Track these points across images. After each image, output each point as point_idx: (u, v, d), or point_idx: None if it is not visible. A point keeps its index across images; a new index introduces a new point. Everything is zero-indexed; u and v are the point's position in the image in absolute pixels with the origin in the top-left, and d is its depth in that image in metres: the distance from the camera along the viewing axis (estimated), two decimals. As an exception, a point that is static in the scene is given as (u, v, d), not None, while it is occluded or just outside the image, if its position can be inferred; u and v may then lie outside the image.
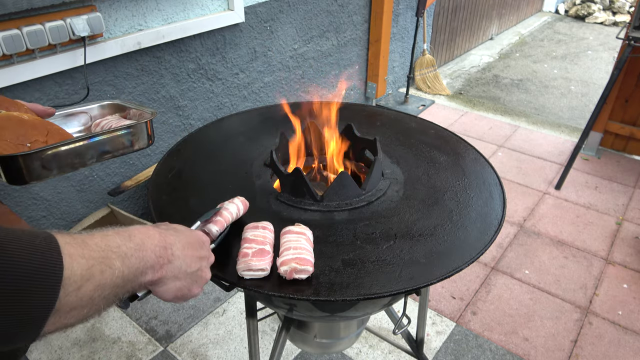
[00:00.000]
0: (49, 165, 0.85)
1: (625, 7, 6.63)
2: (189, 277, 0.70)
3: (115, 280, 0.54)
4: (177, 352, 1.93)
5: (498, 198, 1.19)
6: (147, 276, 0.61)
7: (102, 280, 0.52)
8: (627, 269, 2.39)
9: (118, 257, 0.55)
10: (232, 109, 2.74)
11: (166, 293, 0.67)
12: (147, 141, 1.03)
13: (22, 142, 0.84)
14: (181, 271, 0.68)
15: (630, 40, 2.68)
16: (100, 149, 0.95)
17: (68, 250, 0.49)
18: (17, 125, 0.85)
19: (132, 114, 1.12)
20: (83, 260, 0.50)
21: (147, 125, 1.02)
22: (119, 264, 0.55)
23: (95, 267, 0.51)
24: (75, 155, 0.90)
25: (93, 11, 1.86)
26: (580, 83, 4.70)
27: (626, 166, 3.26)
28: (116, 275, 0.54)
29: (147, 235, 0.63)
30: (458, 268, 0.95)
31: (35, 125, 0.88)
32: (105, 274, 0.53)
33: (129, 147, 1.00)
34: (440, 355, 1.95)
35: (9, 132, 0.83)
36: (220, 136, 1.48)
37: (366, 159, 1.35)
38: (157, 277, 0.63)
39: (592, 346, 1.99)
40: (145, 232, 0.63)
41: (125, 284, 0.56)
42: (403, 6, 3.87)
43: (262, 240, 0.94)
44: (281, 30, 2.86)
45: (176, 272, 0.67)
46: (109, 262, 0.54)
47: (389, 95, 4.18)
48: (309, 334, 1.38)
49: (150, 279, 0.62)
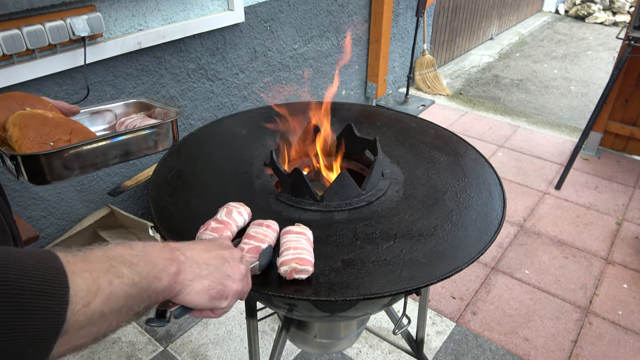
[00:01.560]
0: (70, 165, 0.84)
1: (625, 7, 6.63)
2: (216, 272, 0.64)
3: (126, 289, 0.51)
4: (177, 352, 1.93)
5: (498, 198, 1.19)
6: (162, 281, 0.56)
7: (111, 292, 0.49)
8: (627, 269, 2.39)
9: (124, 265, 0.52)
10: (232, 109, 2.74)
11: (198, 296, 0.61)
12: (172, 141, 0.99)
13: (45, 140, 0.82)
14: (203, 269, 0.62)
15: (630, 40, 2.68)
16: (124, 149, 0.91)
17: (71, 267, 0.46)
18: (41, 124, 0.83)
19: (158, 113, 1.08)
20: (87, 274, 0.47)
21: (172, 125, 0.98)
22: (126, 271, 0.51)
23: (102, 279, 0.48)
24: (97, 155, 0.87)
25: (93, 11, 1.86)
26: (580, 83, 4.70)
27: (626, 166, 3.26)
28: (126, 284, 0.51)
29: (148, 243, 0.59)
30: (458, 268, 0.95)
31: (59, 123, 0.86)
32: (114, 284, 0.49)
33: (153, 147, 0.96)
34: (440, 355, 1.95)
35: (33, 131, 0.81)
36: (220, 136, 1.48)
37: (366, 159, 1.35)
38: (175, 281, 0.58)
39: (592, 346, 1.99)
40: (145, 242, 0.59)
41: (139, 292, 0.53)
42: (403, 6, 3.87)
43: (261, 238, 0.94)
44: (281, 30, 2.86)
45: (197, 271, 0.62)
46: (115, 272, 0.50)
47: (389, 95, 4.18)
48: (309, 334, 1.38)
49: (169, 284, 0.57)
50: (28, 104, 0.88)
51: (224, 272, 0.66)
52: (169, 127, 0.98)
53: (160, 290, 0.56)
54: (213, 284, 0.63)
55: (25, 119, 0.82)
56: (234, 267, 0.68)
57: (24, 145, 0.80)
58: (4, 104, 0.86)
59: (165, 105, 1.07)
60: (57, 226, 2.12)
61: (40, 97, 0.92)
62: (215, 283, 0.63)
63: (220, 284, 0.64)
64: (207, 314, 0.66)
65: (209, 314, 0.66)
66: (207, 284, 0.62)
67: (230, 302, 0.67)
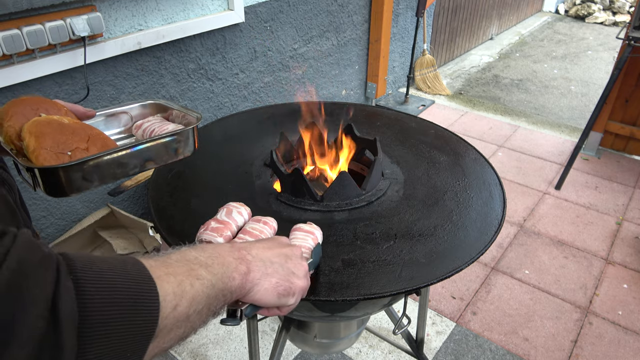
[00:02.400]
0: (90, 176, 0.80)
1: (625, 7, 6.63)
2: (281, 269, 0.66)
3: (207, 290, 0.53)
4: (177, 352, 1.93)
5: (498, 198, 1.19)
6: (235, 281, 0.58)
7: (194, 294, 0.51)
8: (627, 269, 2.39)
9: (201, 267, 0.54)
10: (232, 109, 2.74)
11: (266, 294, 0.63)
12: (193, 148, 0.95)
13: (62, 150, 0.79)
14: (268, 267, 0.64)
15: (630, 40, 2.68)
16: (144, 158, 0.88)
17: (155, 272, 0.48)
18: (57, 132, 0.80)
19: (175, 115, 1.06)
20: (172, 277, 0.49)
21: (193, 132, 0.94)
22: (204, 273, 0.53)
23: (185, 282, 0.50)
24: (117, 165, 0.84)
25: (93, 11, 1.86)
26: (580, 83, 4.70)
27: (626, 166, 3.26)
28: (206, 285, 0.53)
29: (217, 245, 0.62)
30: (458, 268, 0.95)
31: (76, 130, 0.83)
32: (196, 286, 0.51)
33: (174, 155, 0.93)
34: (440, 355, 1.95)
35: (49, 139, 0.79)
36: (220, 136, 1.48)
37: (366, 159, 1.35)
38: (246, 280, 0.60)
39: (592, 346, 1.99)
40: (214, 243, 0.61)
41: (216, 293, 0.54)
42: (403, 6, 3.87)
43: (256, 234, 0.94)
44: (281, 30, 2.86)
45: (264, 269, 0.63)
46: (195, 274, 0.52)
47: (389, 95, 4.18)
48: (309, 334, 1.38)
49: (241, 283, 0.59)
50: (42, 109, 0.85)
51: (289, 269, 0.67)
52: (190, 134, 0.94)
53: (234, 290, 0.58)
54: (280, 282, 0.65)
55: (42, 127, 0.79)
56: (297, 264, 0.70)
57: (41, 156, 0.77)
58: (18, 110, 0.83)
59: (184, 109, 1.04)
60: (57, 226, 2.12)
61: (55, 101, 0.89)
62: (282, 280, 0.65)
63: (287, 281, 0.66)
64: (274, 312, 0.68)
65: (276, 312, 0.68)
66: (275, 282, 0.64)
67: (297, 299, 0.68)
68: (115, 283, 0.43)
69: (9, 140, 0.81)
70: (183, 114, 1.02)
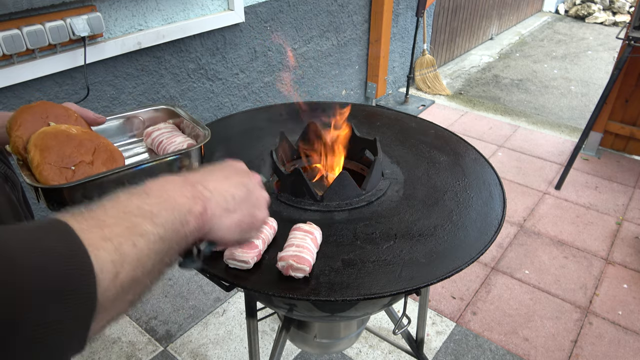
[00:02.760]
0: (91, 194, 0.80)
1: (625, 7, 6.63)
2: (244, 204, 0.59)
3: (154, 246, 0.45)
4: (177, 352, 1.93)
5: (498, 198, 1.19)
6: (190, 224, 0.51)
7: (138, 255, 0.43)
8: (627, 269, 2.39)
9: (144, 218, 0.46)
10: (232, 109, 2.74)
11: (228, 232, 0.57)
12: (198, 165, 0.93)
13: (66, 164, 0.79)
14: (229, 202, 0.57)
15: (630, 40, 2.68)
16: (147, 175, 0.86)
17: (88, 239, 0.40)
18: (64, 144, 0.80)
19: (185, 125, 1.04)
20: (109, 243, 0.41)
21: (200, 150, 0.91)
22: (149, 227, 0.46)
23: (125, 244, 0.43)
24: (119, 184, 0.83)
25: (93, 11, 1.86)
26: (580, 83, 4.70)
27: (626, 166, 3.26)
28: (153, 241, 0.45)
29: (166, 181, 0.52)
30: (458, 268, 0.95)
31: (83, 142, 0.83)
32: (140, 245, 0.44)
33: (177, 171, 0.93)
34: (440, 355, 1.95)
35: (54, 154, 0.79)
36: (220, 136, 1.48)
37: (366, 159, 1.35)
38: (205, 220, 0.53)
39: (592, 346, 1.99)
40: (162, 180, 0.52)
41: (167, 246, 0.47)
42: (403, 6, 3.87)
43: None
44: (281, 30, 2.86)
45: (224, 205, 0.56)
46: (138, 230, 0.44)
47: (389, 95, 4.18)
48: (309, 334, 1.38)
49: (197, 225, 0.52)
50: (52, 116, 0.85)
51: (251, 202, 0.61)
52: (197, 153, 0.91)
53: (189, 234, 0.51)
54: (243, 218, 0.59)
55: (47, 140, 0.79)
56: (258, 195, 0.64)
57: (45, 171, 0.78)
58: (27, 117, 0.83)
59: (193, 121, 1.01)
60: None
61: (65, 106, 0.89)
62: (245, 216, 0.59)
63: (250, 216, 0.61)
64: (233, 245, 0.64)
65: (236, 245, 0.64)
66: (237, 219, 0.58)
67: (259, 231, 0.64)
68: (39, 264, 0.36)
69: (17, 151, 0.82)
70: (192, 126, 1.01)
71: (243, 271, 0.92)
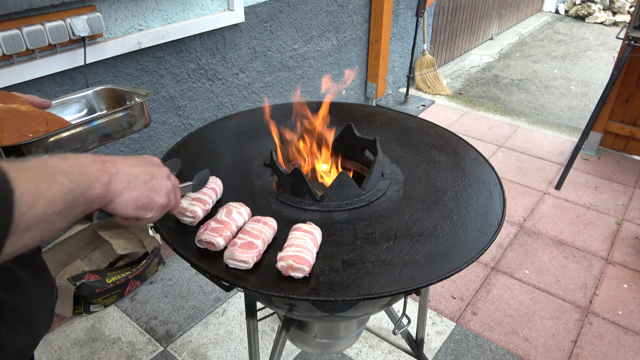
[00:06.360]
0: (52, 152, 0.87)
1: (625, 7, 6.63)
2: (145, 186, 0.70)
3: (64, 195, 0.56)
4: (177, 352, 1.93)
5: (498, 198, 1.19)
6: (96, 189, 0.61)
7: (51, 196, 0.54)
8: (627, 269, 2.39)
9: (60, 173, 0.57)
10: (232, 109, 2.74)
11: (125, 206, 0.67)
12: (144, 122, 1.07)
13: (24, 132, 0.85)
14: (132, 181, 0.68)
15: (630, 40, 2.68)
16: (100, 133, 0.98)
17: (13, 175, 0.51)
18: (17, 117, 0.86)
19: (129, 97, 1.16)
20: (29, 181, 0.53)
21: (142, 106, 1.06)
22: (63, 179, 0.56)
23: (42, 185, 0.54)
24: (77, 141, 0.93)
25: (93, 11, 1.87)
26: (580, 83, 4.70)
27: (626, 166, 3.26)
28: (63, 191, 0.56)
29: (82, 155, 0.64)
30: (458, 268, 0.95)
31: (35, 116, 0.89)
32: (53, 190, 0.54)
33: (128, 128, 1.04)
34: (440, 355, 1.95)
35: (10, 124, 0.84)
36: (220, 136, 1.48)
37: (366, 159, 1.35)
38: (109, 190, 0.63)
39: (592, 346, 1.99)
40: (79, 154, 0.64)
41: (75, 198, 0.58)
42: (403, 6, 3.87)
43: (256, 234, 0.95)
44: (281, 30, 2.86)
45: (127, 183, 0.66)
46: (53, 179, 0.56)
47: (389, 95, 4.18)
48: (309, 334, 1.38)
49: (102, 192, 0.62)
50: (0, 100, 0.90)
51: (152, 186, 0.71)
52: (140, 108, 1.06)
53: (95, 198, 0.61)
54: (141, 197, 0.69)
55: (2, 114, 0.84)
56: (161, 182, 0.74)
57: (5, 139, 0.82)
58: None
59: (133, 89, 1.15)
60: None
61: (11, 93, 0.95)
62: (142, 195, 0.69)
63: (147, 197, 0.70)
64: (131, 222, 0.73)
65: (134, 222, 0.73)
66: (136, 196, 0.68)
67: (155, 214, 0.73)
68: None
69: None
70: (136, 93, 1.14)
71: (243, 271, 0.92)
